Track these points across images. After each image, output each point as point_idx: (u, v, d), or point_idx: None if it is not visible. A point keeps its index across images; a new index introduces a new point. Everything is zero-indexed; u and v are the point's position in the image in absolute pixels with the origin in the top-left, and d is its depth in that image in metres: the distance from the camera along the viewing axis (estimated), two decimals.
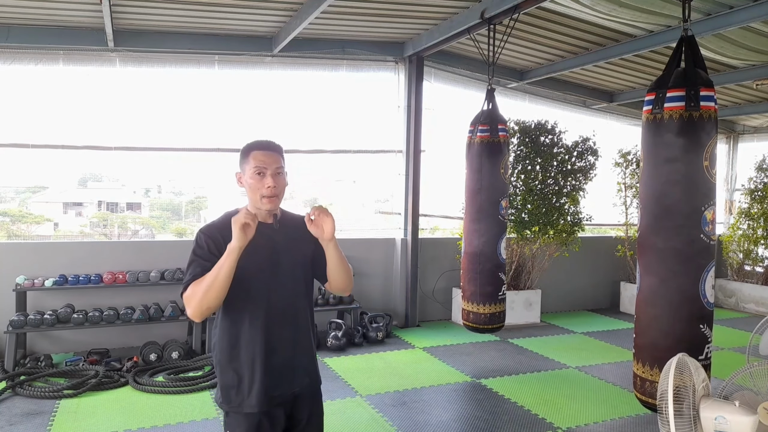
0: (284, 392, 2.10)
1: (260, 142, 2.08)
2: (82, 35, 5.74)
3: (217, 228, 2.05)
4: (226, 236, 1.95)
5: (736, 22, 5.00)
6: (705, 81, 3.37)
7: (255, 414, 2.05)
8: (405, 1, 5.57)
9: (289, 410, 2.14)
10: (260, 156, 2.03)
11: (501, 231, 5.40)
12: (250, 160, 2.04)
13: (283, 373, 2.09)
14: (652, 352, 3.51)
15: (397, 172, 7.30)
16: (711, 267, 3.43)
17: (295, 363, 2.13)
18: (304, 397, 2.17)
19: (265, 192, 2.02)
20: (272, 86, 6.80)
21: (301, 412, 2.16)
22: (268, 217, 2.10)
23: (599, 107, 8.99)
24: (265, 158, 2.03)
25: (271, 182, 2.01)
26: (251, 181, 2.03)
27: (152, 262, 5.96)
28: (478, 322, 5.42)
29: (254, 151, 2.05)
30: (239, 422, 2.07)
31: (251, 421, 2.06)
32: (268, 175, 2.02)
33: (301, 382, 2.15)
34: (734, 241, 9.00)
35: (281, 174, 2.06)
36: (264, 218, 2.08)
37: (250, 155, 2.05)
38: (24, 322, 5.11)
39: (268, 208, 2.06)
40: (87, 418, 4.15)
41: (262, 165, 2.02)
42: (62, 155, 6.25)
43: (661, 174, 3.45)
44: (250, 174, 2.03)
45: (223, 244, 1.96)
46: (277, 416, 2.10)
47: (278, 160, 2.06)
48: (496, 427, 4.14)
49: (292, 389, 2.12)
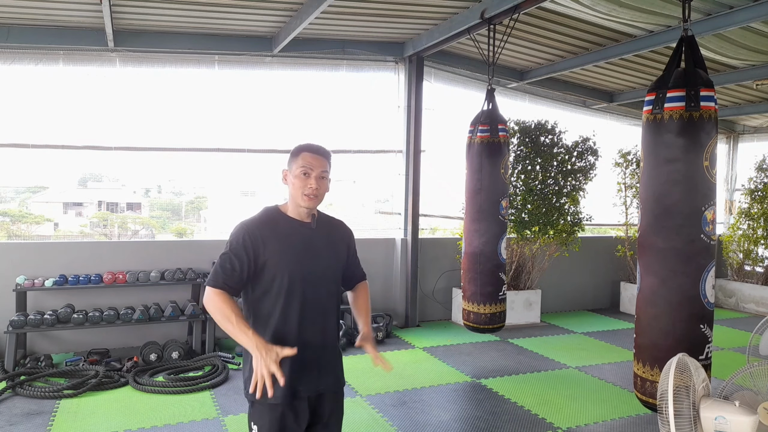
0: (310, 388, 2.15)
1: (311, 145, 2.19)
2: (82, 35, 5.74)
3: (257, 226, 2.13)
4: (265, 235, 2.09)
5: (736, 22, 5.00)
6: (705, 81, 3.37)
7: (279, 406, 2.10)
8: (405, 1, 5.56)
9: (314, 406, 2.19)
10: (309, 158, 2.14)
11: (501, 231, 5.40)
12: (299, 160, 2.14)
13: (310, 369, 2.15)
14: (653, 352, 3.51)
15: (397, 172, 7.30)
16: (711, 267, 3.43)
17: (322, 360, 2.20)
18: (328, 395, 2.23)
19: (307, 191, 2.11)
20: (272, 86, 6.80)
21: (324, 408, 2.22)
22: (307, 216, 2.19)
23: (599, 107, 8.99)
24: (312, 160, 2.14)
25: (314, 183, 2.11)
26: (296, 180, 2.13)
27: (152, 262, 5.96)
28: (479, 322, 5.42)
29: (304, 153, 2.15)
30: (263, 413, 2.12)
31: (275, 413, 2.10)
32: (313, 176, 2.12)
33: (327, 381, 2.22)
34: (734, 241, 9.00)
35: (325, 179, 2.16)
36: (302, 217, 2.18)
37: (300, 155, 2.15)
38: (24, 322, 5.11)
39: (306, 206, 2.14)
40: (87, 418, 4.15)
41: (308, 166, 2.13)
42: (62, 155, 6.25)
43: (661, 174, 3.45)
44: (296, 173, 2.13)
45: (261, 243, 2.07)
46: (301, 410, 2.14)
47: (325, 164, 2.16)
48: (496, 427, 4.14)
49: (318, 386, 2.18)
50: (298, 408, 2.13)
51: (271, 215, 2.17)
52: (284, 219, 2.17)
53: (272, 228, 2.13)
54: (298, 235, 2.14)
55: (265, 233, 2.09)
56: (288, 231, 2.14)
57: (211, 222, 12.13)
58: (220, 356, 5.38)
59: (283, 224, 2.15)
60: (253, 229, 2.11)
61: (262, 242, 2.08)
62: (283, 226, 2.15)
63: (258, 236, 2.09)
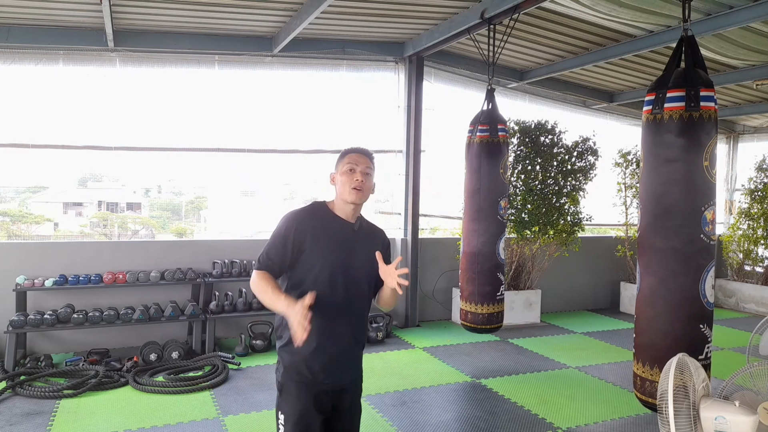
0: (334, 381, 2.26)
1: (356, 147, 2.35)
2: (82, 35, 5.74)
3: (307, 215, 2.26)
4: (312, 225, 2.22)
5: (736, 22, 5.00)
6: (705, 81, 3.37)
7: (307, 392, 2.21)
8: (405, 1, 5.56)
9: (336, 399, 2.29)
10: (354, 156, 2.29)
11: (500, 231, 5.39)
12: (345, 159, 2.29)
13: (337, 364, 2.26)
14: (652, 352, 3.51)
15: (397, 172, 7.30)
16: (711, 267, 3.43)
17: (348, 356, 2.31)
18: (350, 389, 2.35)
19: (354, 184, 2.23)
20: (272, 86, 6.80)
21: (345, 402, 2.33)
22: (352, 217, 2.29)
23: (599, 107, 9.00)
24: (357, 158, 2.29)
25: (359, 177, 2.24)
26: (342, 177, 2.25)
27: (152, 262, 5.96)
28: (476, 322, 5.42)
29: (350, 153, 2.30)
30: (289, 403, 2.23)
31: (300, 404, 2.21)
32: (358, 171, 2.25)
33: (350, 375, 2.34)
34: (734, 241, 9.00)
35: (370, 175, 2.29)
36: (348, 217, 2.28)
37: (346, 156, 2.30)
38: (24, 322, 5.11)
39: (353, 200, 2.24)
40: (87, 418, 4.15)
41: (354, 163, 2.26)
42: (62, 155, 6.25)
43: (661, 174, 3.46)
44: (343, 170, 2.26)
45: (307, 232, 2.20)
46: (325, 402, 2.26)
47: (369, 162, 2.30)
48: (496, 427, 4.14)
49: (342, 381, 2.29)
50: (322, 400, 2.24)
51: (319, 208, 2.29)
52: (330, 215, 2.28)
53: (318, 220, 2.24)
54: (341, 233, 2.25)
55: (312, 224, 2.22)
56: (332, 226, 2.25)
57: (211, 222, 12.12)
58: (220, 356, 5.38)
59: (329, 219, 2.27)
60: (302, 218, 2.23)
61: (308, 232, 2.20)
62: (328, 221, 2.26)
63: (306, 225, 2.21)
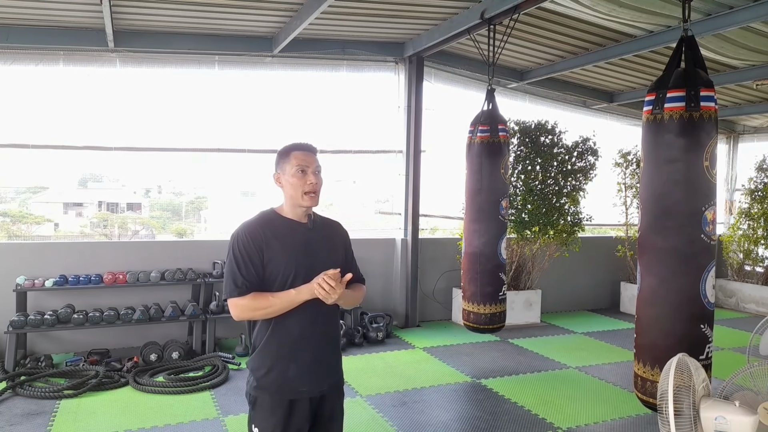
0: (312, 387, 2.16)
1: (300, 143, 2.21)
2: (82, 35, 5.74)
3: (258, 225, 2.14)
4: (267, 234, 2.10)
5: (736, 22, 5.00)
6: (705, 81, 3.37)
7: (281, 402, 2.12)
8: (405, 1, 5.56)
9: (316, 407, 2.20)
10: (301, 156, 2.16)
11: (501, 231, 5.40)
12: (291, 160, 2.15)
13: (312, 369, 2.17)
14: (653, 352, 3.51)
15: (397, 172, 7.29)
16: (711, 267, 3.43)
17: (323, 361, 2.21)
18: (330, 395, 2.25)
19: (307, 188, 2.13)
20: (272, 86, 6.80)
21: (326, 408, 2.23)
22: (303, 216, 2.20)
23: (599, 107, 8.99)
24: (305, 158, 2.16)
25: (312, 179, 2.13)
26: (293, 180, 2.13)
27: (152, 262, 5.96)
28: (479, 323, 5.42)
29: (295, 152, 2.17)
30: (264, 416, 2.14)
31: (276, 416, 2.12)
32: (310, 172, 2.14)
33: (328, 381, 2.24)
34: (734, 241, 9.00)
35: (320, 173, 2.18)
36: (299, 217, 2.19)
37: (291, 155, 2.16)
38: (24, 323, 5.11)
39: (308, 205, 2.16)
40: (87, 419, 4.15)
41: (304, 164, 2.15)
42: (62, 155, 6.26)
43: (661, 174, 3.45)
44: (292, 173, 2.14)
45: (263, 240, 2.09)
46: (303, 411, 2.15)
47: (316, 160, 2.19)
48: (496, 427, 4.14)
49: (320, 386, 2.19)
50: (300, 409, 2.14)
51: (268, 217, 2.18)
52: (281, 220, 2.18)
53: (271, 229, 2.13)
54: (297, 236, 2.15)
55: (265, 233, 2.10)
56: (286, 231, 2.15)
57: (211, 222, 12.15)
58: (220, 356, 5.38)
59: (281, 225, 2.16)
60: (253, 230, 2.12)
61: (263, 242, 2.09)
62: (280, 227, 2.15)
63: (259, 235, 2.10)
